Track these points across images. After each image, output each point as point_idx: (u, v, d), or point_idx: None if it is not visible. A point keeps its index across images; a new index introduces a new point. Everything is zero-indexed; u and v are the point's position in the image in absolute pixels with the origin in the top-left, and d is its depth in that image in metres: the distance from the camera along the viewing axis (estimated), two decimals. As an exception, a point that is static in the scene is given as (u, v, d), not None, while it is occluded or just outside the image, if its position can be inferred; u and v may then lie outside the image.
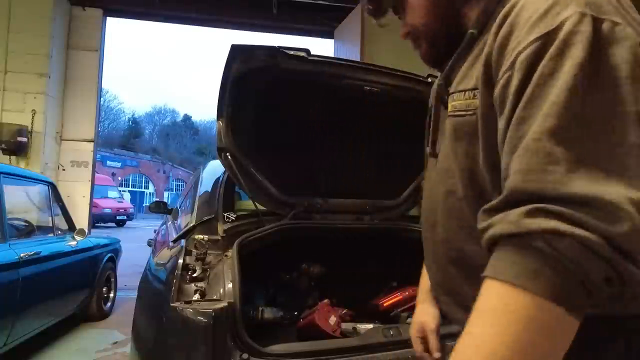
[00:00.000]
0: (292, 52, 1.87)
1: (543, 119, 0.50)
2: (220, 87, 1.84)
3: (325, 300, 1.93)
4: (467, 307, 0.70)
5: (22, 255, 2.92)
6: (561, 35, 0.52)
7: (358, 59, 5.86)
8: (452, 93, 0.71)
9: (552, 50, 0.52)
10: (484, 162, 0.64)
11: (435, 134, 0.80)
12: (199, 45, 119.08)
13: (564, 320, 0.47)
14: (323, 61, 1.97)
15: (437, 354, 0.95)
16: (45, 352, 3.48)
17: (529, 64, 0.53)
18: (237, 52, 1.79)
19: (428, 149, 0.84)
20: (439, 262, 0.79)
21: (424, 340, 0.98)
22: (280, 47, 1.87)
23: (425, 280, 1.03)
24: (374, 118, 2.25)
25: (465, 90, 0.68)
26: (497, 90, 0.58)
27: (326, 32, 7.17)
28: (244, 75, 1.84)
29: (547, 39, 0.53)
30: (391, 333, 1.57)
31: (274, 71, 1.89)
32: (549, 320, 0.46)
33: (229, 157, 1.94)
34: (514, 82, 0.55)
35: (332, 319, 1.81)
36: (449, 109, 0.71)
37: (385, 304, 2.10)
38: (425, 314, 1.00)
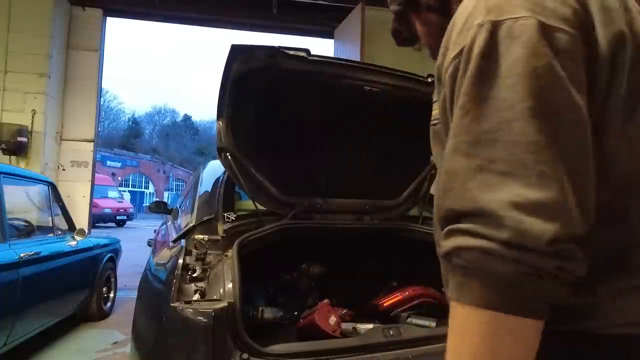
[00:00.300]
0: (292, 52, 1.87)
1: (450, 139, 0.55)
2: (220, 87, 1.84)
3: (325, 300, 1.93)
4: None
5: (22, 255, 2.92)
6: (464, 51, 0.56)
7: (358, 59, 5.86)
8: (434, 102, 0.76)
9: (460, 68, 0.56)
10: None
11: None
12: (199, 45, 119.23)
13: (508, 324, 0.49)
14: (323, 61, 1.97)
15: None
16: (45, 352, 3.48)
17: (450, 82, 0.58)
18: (237, 52, 1.79)
19: None
20: (440, 262, 0.82)
21: None
22: (280, 47, 1.87)
23: None
24: (374, 118, 2.25)
25: (436, 101, 0.73)
26: (440, 104, 0.64)
27: (326, 32, 7.17)
28: (244, 75, 1.84)
29: (459, 56, 0.57)
30: (391, 333, 1.57)
31: (274, 71, 1.89)
32: (490, 328, 0.49)
33: (229, 157, 1.94)
34: (446, 101, 0.60)
35: (332, 319, 1.81)
36: (432, 117, 0.77)
37: (385, 304, 2.10)
38: None
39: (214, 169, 2.53)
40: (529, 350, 0.50)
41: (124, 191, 29.21)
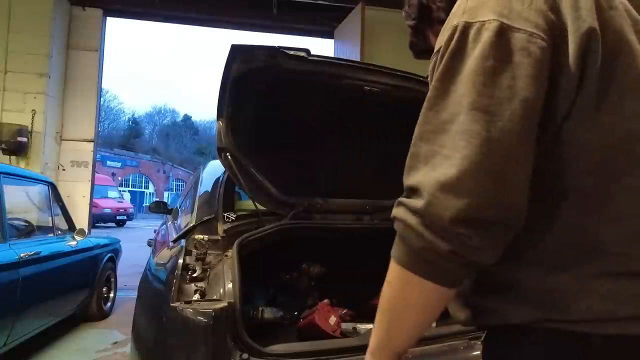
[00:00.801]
0: (292, 52, 1.87)
1: (417, 127, 0.65)
2: (220, 87, 1.84)
3: (325, 300, 1.93)
4: (466, 304, 0.72)
5: (22, 255, 2.92)
6: (441, 50, 0.64)
7: (358, 59, 5.86)
8: None
9: (436, 65, 0.65)
10: None
11: None
12: (199, 45, 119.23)
13: (414, 281, 0.62)
14: (323, 61, 1.97)
15: None
16: (45, 352, 3.48)
17: (430, 78, 0.67)
18: (237, 52, 1.79)
19: None
20: None
21: None
22: (280, 47, 1.87)
23: None
24: (374, 118, 2.25)
25: None
26: None
27: (326, 32, 7.17)
28: (244, 75, 1.84)
29: (437, 55, 0.66)
30: (391, 333, 1.57)
31: (274, 71, 1.89)
32: (401, 280, 0.65)
33: (229, 157, 1.94)
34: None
35: (332, 319, 1.81)
36: None
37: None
38: None
39: (214, 169, 2.52)
40: (429, 305, 0.65)
41: (124, 191, 29.21)
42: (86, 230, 4.32)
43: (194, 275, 1.55)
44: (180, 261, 1.59)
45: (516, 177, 0.57)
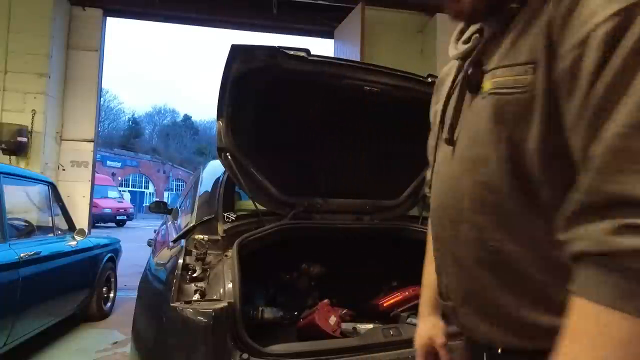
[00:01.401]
0: (292, 52, 1.87)
1: (631, 111, 0.45)
2: (220, 87, 1.84)
3: (325, 300, 1.93)
4: (493, 318, 0.65)
5: (22, 255, 2.92)
6: None
7: (358, 59, 5.85)
8: (494, 69, 0.63)
9: (636, 29, 0.46)
10: (539, 149, 0.57)
11: (455, 119, 0.72)
12: (199, 45, 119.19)
13: None
14: (323, 61, 1.97)
15: None
16: (45, 352, 3.48)
17: (608, 41, 0.48)
18: (237, 52, 1.79)
19: (437, 139, 0.78)
20: (464, 265, 0.70)
21: (434, 356, 0.93)
22: (280, 47, 1.87)
23: (428, 291, 0.98)
24: (374, 118, 2.25)
25: (513, 65, 0.60)
26: (564, 67, 0.52)
27: (326, 32, 7.17)
28: (244, 75, 1.84)
29: (628, 14, 0.47)
30: (391, 333, 1.57)
31: (274, 71, 1.89)
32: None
33: (229, 157, 1.94)
34: (590, 62, 0.49)
35: (332, 319, 1.81)
36: (489, 86, 0.64)
37: (385, 304, 2.10)
38: (433, 328, 0.94)
39: (214, 169, 2.52)
40: None
41: (124, 191, 29.20)
42: (86, 230, 4.31)
43: (194, 275, 1.55)
44: (180, 261, 1.59)
45: None
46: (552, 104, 0.55)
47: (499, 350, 0.67)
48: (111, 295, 4.76)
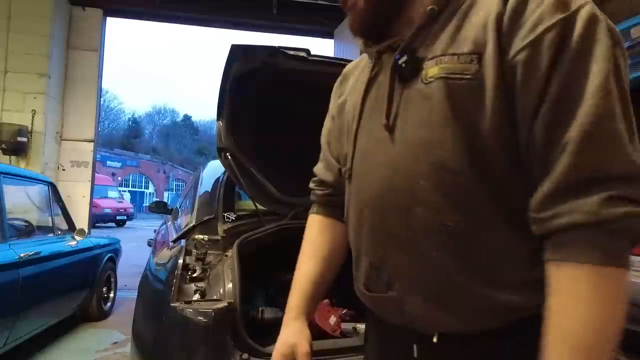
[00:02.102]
0: (292, 52, 1.87)
1: (594, 98, 0.54)
2: (220, 87, 1.84)
3: (325, 300, 1.93)
4: (447, 301, 0.66)
5: (22, 255, 2.92)
6: (585, 18, 0.57)
7: (358, 59, 5.85)
8: (440, 56, 0.66)
9: (581, 32, 0.56)
10: (494, 133, 0.61)
11: (389, 105, 0.71)
12: (199, 45, 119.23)
13: (623, 281, 0.53)
14: (323, 61, 1.97)
15: None
16: (45, 352, 3.48)
17: (558, 43, 0.57)
18: (237, 52, 1.79)
19: (357, 127, 0.78)
20: (418, 250, 0.68)
21: None
22: (280, 47, 1.87)
23: (296, 293, 0.97)
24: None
25: (459, 54, 0.64)
26: (517, 63, 0.59)
27: (326, 32, 7.18)
28: (244, 75, 1.84)
29: (571, 19, 0.57)
30: (391, 333, 1.57)
31: (274, 71, 1.89)
32: (620, 285, 0.53)
33: (229, 157, 1.94)
34: (544, 61, 0.57)
35: (332, 319, 1.81)
36: (435, 71, 0.66)
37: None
38: (297, 334, 0.90)
39: (214, 169, 2.52)
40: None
41: (124, 191, 29.22)
42: (86, 230, 4.31)
43: (194, 275, 1.55)
44: (180, 261, 1.59)
45: None
46: (502, 91, 0.61)
47: (434, 339, 0.69)
48: (111, 295, 4.76)
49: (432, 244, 0.67)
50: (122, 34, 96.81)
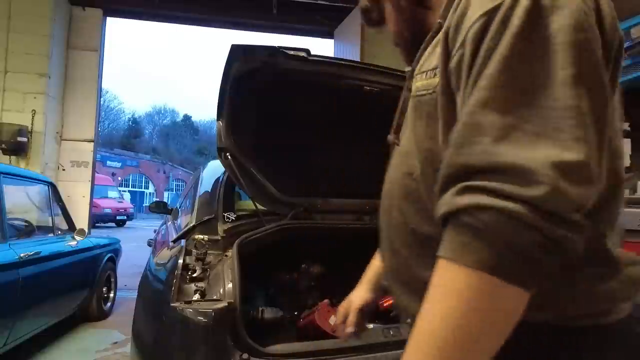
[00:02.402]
0: (292, 52, 1.87)
1: (478, 92, 0.52)
2: (220, 87, 1.84)
3: (325, 300, 1.93)
4: (416, 293, 0.69)
5: (22, 255, 2.92)
6: (503, 8, 0.53)
7: (358, 59, 5.86)
8: (417, 74, 0.71)
9: (494, 24, 0.53)
10: (442, 141, 0.63)
11: (400, 119, 0.82)
12: (199, 45, 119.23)
13: (501, 290, 0.48)
14: (323, 61, 1.97)
15: (349, 329, 1.07)
16: (45, 352, 3.48)
17: (476, 39, 0.55)
18: (237, 52, 1.79)
19: (391, 136, 0.87)
20: (393, 247, 0.77)
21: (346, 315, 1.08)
22: (280, 47, 1.86)
23: (371, 268, 1.15)
24: (374, 118, 2.25)
25: (427, 71, 0.68)
26: (452, 67, 0.59)
27: (326, 32, 7.18)
28: (244, 75, 1.84)
29: (492, 13, 0.54)
30: (391, 333, 1.57)
31: (274, 71, 1.89)
32: (483, 290, 0.48)
33: (229, 157, 1.94)
34: (465, 59, 0.56)
35: (332, 319, 1.80)
36: (412, 91, 0.72)
37: (385, 304, 2.10)
38: (356, 295, 1.11)
39: (214, 169, 2.52)
40: (510, 319, 0.50)
41: (124, 191, 29.21)
42: (86, 230, 4.32)
43: (194, 275, 1.55)
44: (180, 261, 1.59)
45: (606, 155, 0.53)
46: (447, 103, 0.61)
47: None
48: (111, 295, 4.76)
49: (401, 243, 0.75)
50: (122, 34, 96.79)
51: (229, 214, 2.01)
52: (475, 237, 0.48)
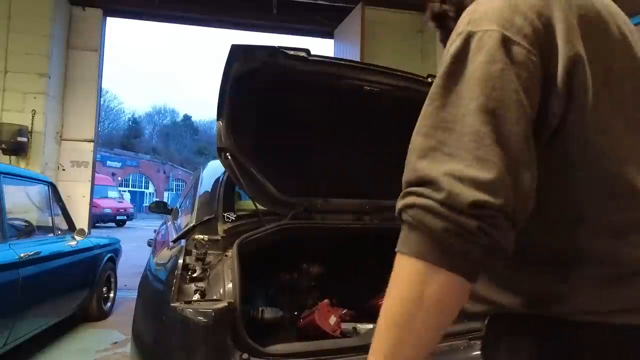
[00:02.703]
0: (292, 52, 1.87)
1: (421, 117, 0.66)
2: (220, 87, 1.84)
3: (325, 300, 1.93)
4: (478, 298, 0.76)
5: (22, 255, 2.92)
6: (445, 54, 0.67)
7: (358, 59, 5.86)
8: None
9: (448, 55, 0.66)
10: None
11: None
12: (199, 44, 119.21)
13: (434, 274, 0.58)
14: (323, 61, 1.97)
15: None
16: (45, 352, 3.48)
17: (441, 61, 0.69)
18: (237, 52, 1.79)
19: None
20: None
21: None
22: (280, 47, 1.87)
23: None
24: (374, 118, 2.25)
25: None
26: None
27: (326, 32, 7.18)
28: (244, 75, 1.84)
29: (451, 42, 0.68)
30: (391, 333, 1.57)
31: (274, 71, 1.89)
32: (419, 273, 0.59)
33: (229, 157, 1.94)
34: None
35: (332, 319, 1.81)
36: None
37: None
38: None
39: (214, 169, 2.52)
40: (450, 300, 0.60)
41: (124, 191, 29.23)
42: (86, 230, 4.32)
43: (194, 275, 1.55)
44: (180, 261, 1.59)
45: (524, 178, 0.60)
46: None
47: None
48: (111, 295, 4.77)
49: None
50: (122, 34, 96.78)
51: (229, 214, 2.01)
52: (410, 230, 0.61)
